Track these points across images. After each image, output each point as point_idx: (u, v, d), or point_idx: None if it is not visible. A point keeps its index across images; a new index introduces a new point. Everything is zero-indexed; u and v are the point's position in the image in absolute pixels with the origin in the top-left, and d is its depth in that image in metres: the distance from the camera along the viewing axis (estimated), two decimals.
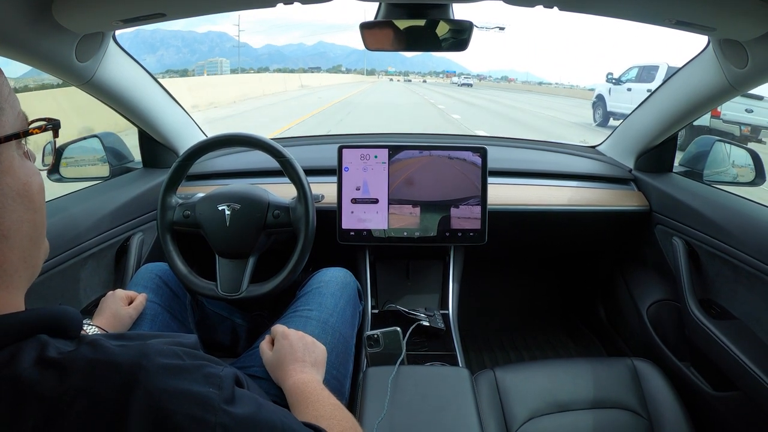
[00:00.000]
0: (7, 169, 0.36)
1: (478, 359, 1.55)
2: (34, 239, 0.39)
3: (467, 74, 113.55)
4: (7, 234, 0.36)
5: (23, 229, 0.37)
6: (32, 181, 0.38)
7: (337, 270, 1.02)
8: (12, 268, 0.37)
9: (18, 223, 0.37)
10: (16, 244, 0.37)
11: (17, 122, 0.38)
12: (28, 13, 0.71)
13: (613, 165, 1.39)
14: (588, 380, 0.97)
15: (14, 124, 0.37)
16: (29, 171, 0.39)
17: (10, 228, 0.36)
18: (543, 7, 0.78)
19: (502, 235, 1.20)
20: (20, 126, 0.38)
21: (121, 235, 1.10)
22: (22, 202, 0.37)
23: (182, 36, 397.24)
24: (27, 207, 0.38)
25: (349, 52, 37.83)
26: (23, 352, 0.33)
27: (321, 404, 0.61)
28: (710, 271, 1.07)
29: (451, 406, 0.77)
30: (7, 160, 0.36)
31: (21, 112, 0.39)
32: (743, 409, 0.92)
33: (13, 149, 0.37)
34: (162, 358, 0.36)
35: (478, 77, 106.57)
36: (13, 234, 0.37)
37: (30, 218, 0.38)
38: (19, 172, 0.37)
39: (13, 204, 0.36)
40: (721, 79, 0.94)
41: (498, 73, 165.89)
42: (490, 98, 21.35)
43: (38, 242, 0.40)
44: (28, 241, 0.38)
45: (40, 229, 0.40)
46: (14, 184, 0.37)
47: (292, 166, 0.96)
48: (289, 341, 0.74)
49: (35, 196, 0.39)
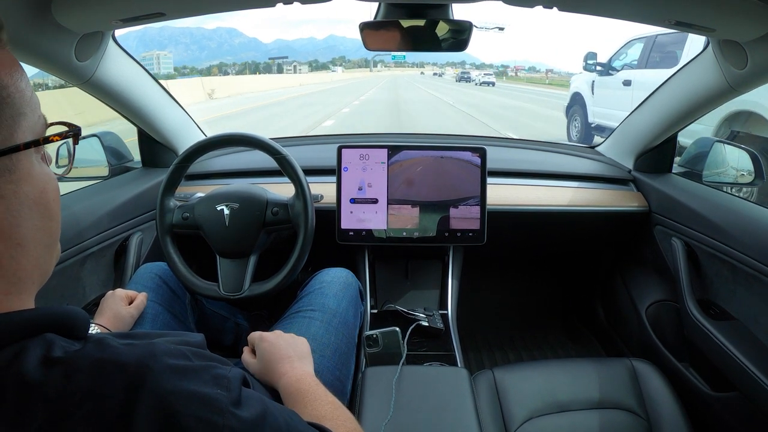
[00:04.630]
0: (26, 176, 0.35)
1: (477, 359, 1.55)
2: (48, 246, 0.39)
3: (487, 68, 76.12)
4: (22, 242, 0.36)
5: (38, 237, 0.37)
6: (49, 188, 0.38)
7: (339, 270, 1.02)
8: (26, 275, 0.36)
9: (33, 231, 0.36)
10: (31, 251, 0.36)
11: (37, 126, 0.37)
12: (27, 13, 0.71)
13: (613, 165, 1.39)
14: (587, 380, 0.97)
15: (34, 129, 0.37)
16: (46, 177, 0.38)
17: (25, 236, 0.36)
18: (542, 7, 0.78)
19: (501, 236, 1.20)
20: (40, 131, 0.38)
21: (120, 234, 1.10)
22: (38, 210, 0.37)
23: (191, 33, 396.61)
24: (43, 215, 0.37)
25: (359, 45, 38.69)
26: (28, 350, 0.33)
27: (319, 403, 0.60)
28: (709, 271, 1.07)
29: (450, 407, 0.77)
30: (26, 167, 0.36)
31: (41, 116, 0.38)
32: (742, 409, 0.92)
33: (32, 155, 0.37)
34: (169, 358, 0.36)
35: (501, 68, 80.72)
36: (29, 242, 0.36)
37: (45, 226, 0.38)
38: (37, 179, 0.37)
39: (30, 212, 0.36)
40: (721, 80, 0.94)
41: (518, 63, 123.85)
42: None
43: (52, 248, 0.40)
44: (42, 249, 0.38)
45: (54, 236, 0.40)
46: (31, 192, 0.36)
47: (289, 163, 0.96)
48: (268, 342, 0.73)
49: (51, 203, 0.38)
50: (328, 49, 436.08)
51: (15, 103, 0.35)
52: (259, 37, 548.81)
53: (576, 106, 5.85)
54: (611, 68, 5.15)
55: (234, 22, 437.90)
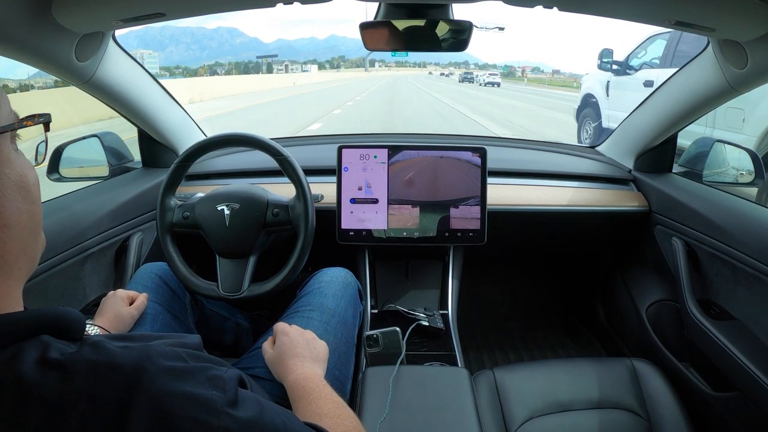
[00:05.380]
0: (5, 159, 0.37)
1: (477, 359, 1.55)
2: (32, 231, 0.40)
3: (491, 69, 72.52)
4: (8, 223, 0.37)
5: (23, 220, 0.38)
6: (29, 174, 0.39)
7: (338, 270, 1.02)
8: (12, 258, 0.37)
9: (17, 213, 0.37)
10: (16, 234, 0.37)
11: (10, 117, 0.39)
12: (28, 13, 0.71)
13: (613, 165, 1.39)
14: (587, 380, 0.97)
15: (8, 118, 0.38)
16: (25, 164, 0.40)
17: (10, 218, 0.37)
18: (543, 7, 0.78)
19: (501, 236, 1.20)
20: (12, 119, 0.39)
21: (120, 234, 1.10)
22: (20, 193, 0.38)
23: (192, 32, 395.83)
24: (25, 198, 0.38)
25: (361, 45, 38.43)
26: (25, 352, 0.33)
27: (324, 401, 0.60)
28: (709, 271, 1.07)
29: (450, 406, 0.77)
30: (5, 151, 0.37)
31: (12, 111, 0.40)
32: (742, 409, 0.92)
33: (8, 141, 0.38)
34: (165, 360, 0.36)
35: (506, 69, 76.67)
36: (14, 224, 0.37)
37: (29, 209, 0.39)
38: (16, 163, 0.38)
39: (12, 194, 0.37)
40: (721, 79, 0.94)
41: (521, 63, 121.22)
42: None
43: (36, 235, 0.41)
44: (27, 233, 0.39)
45: (37, 221, 0.40)
46: (12, 174, 0.37)
47: (290, 164, 0.96)
48: (289, 337, 0.74)
49: (32, 188, 0.39)
50: (330, 49, 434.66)
51: None
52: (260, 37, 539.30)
53: (588, 109, 5.30)
54: (628, 67, 4.63)
55: (235, 22, 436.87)
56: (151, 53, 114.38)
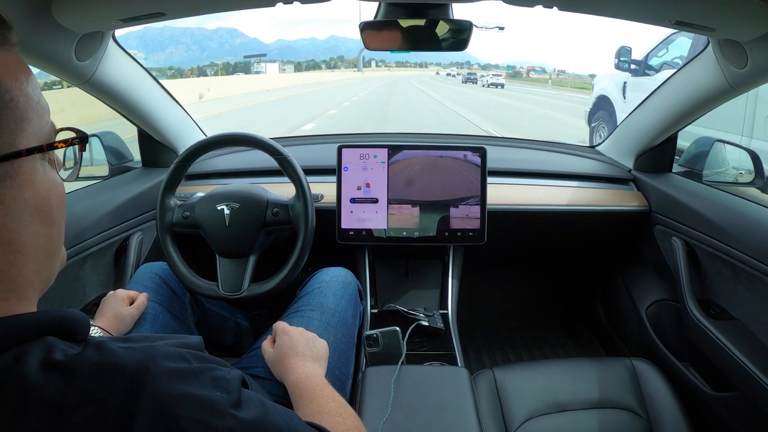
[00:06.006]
0: (27, 182, 0.35)
1: (477, 359, 1.55)
2: (49, 253, 0.38)
3: (494, 69, 67.78)
4: (21, 249, 0.35)
5: (38, 244, 0.37)
6: (52, 195, 0.37)
7: (338, 270, 1.02)
8: (26, 281, 0.36)
9: (34, 237, 0.36)
10: (31, 258, 0.36)
11: (44, 132, 0.37)
12: (27, 13, 0.71)
13: (613, 165, 1.39)
14: (587, 380, 0.97)
15: (40, 135, 0.36)
16: (50, 183, 0.37)
17: (25, 242, 0.35)
18: (543, 7, 0.78)
19: (501, 235, 1.20)
20: (46, 136, 0.37)
21: (120, 234, 1.10)
22: (39, 217, 0.36)
23: (191, 33, 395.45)
24: (44, 222, 0.37)
25: (361, 46, 37.98)
26: (28, 354, 0.33)
27: (325, 400, 0.61)
28: (709, 271, 1.07)
29: (450, 406, 0.77)
30: (28, 173, 0.35)
31: (49, 122, 0.38)
32: (742, 409, 0.92)
33: (37, 161, 0.36)
34: (168, 361, 0.36)
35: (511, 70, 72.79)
36: (28, 249, 0.36)
37: (46, 233, 0.37)
38: (40, 186, 0.36)
39: (30, 219, 0.35)
40: (721, 79, 0.94)
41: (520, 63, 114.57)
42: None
43: (53, 255, 0.39)
44: (42, 255, 0.37)
45: (56, 242, 0.39)
46: (33, 198, 0.35)
47: (290, 164, 0.96)
48: (289, 336, 0.74)
49: (54, 210, 0.38)
50: (330, 50, 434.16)
51: (19, 107, 0.34)
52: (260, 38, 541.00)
53: (602, 112, 4.88)
54: (648, 67, 4.30)
55: (235, 23, 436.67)
56: (138, 53, 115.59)
